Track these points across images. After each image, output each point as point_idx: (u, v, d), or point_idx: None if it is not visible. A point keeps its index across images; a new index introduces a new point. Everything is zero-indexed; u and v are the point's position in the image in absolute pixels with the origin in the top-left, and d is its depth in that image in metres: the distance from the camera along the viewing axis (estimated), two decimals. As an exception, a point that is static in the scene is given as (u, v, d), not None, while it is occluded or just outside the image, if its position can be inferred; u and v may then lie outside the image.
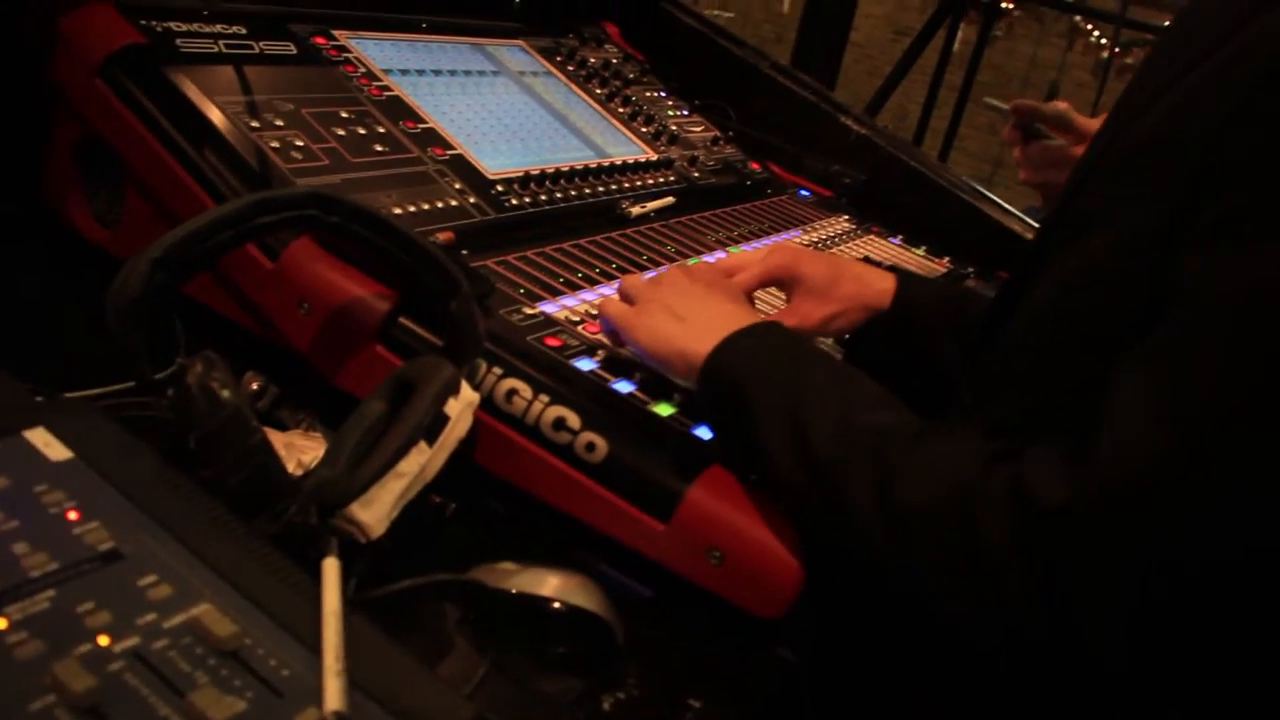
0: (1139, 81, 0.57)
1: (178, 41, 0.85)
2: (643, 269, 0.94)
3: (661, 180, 1.16)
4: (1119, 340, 0.48)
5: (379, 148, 0.89)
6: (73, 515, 0.40)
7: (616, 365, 0.73)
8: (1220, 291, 0.44)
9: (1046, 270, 0.56)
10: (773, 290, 0.88)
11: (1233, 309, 0.44)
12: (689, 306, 0.67)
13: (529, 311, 0.77)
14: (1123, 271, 0.50)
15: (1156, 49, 0.59)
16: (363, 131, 0.90)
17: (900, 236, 1.28)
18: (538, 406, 0.66)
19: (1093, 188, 0.55)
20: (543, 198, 0.98)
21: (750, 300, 0.75)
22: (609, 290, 0.87)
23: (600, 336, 0.75)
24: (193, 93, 0.81)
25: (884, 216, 1.30)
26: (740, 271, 0.78)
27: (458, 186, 0.91)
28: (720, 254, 1.04)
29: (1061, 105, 1.12)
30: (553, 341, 0.73)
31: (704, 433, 0.68)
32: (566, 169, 1.03)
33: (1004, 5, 4.89)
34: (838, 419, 0.53)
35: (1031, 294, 0.58)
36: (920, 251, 1.24)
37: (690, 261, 0.98)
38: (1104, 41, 5.62)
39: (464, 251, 0.83)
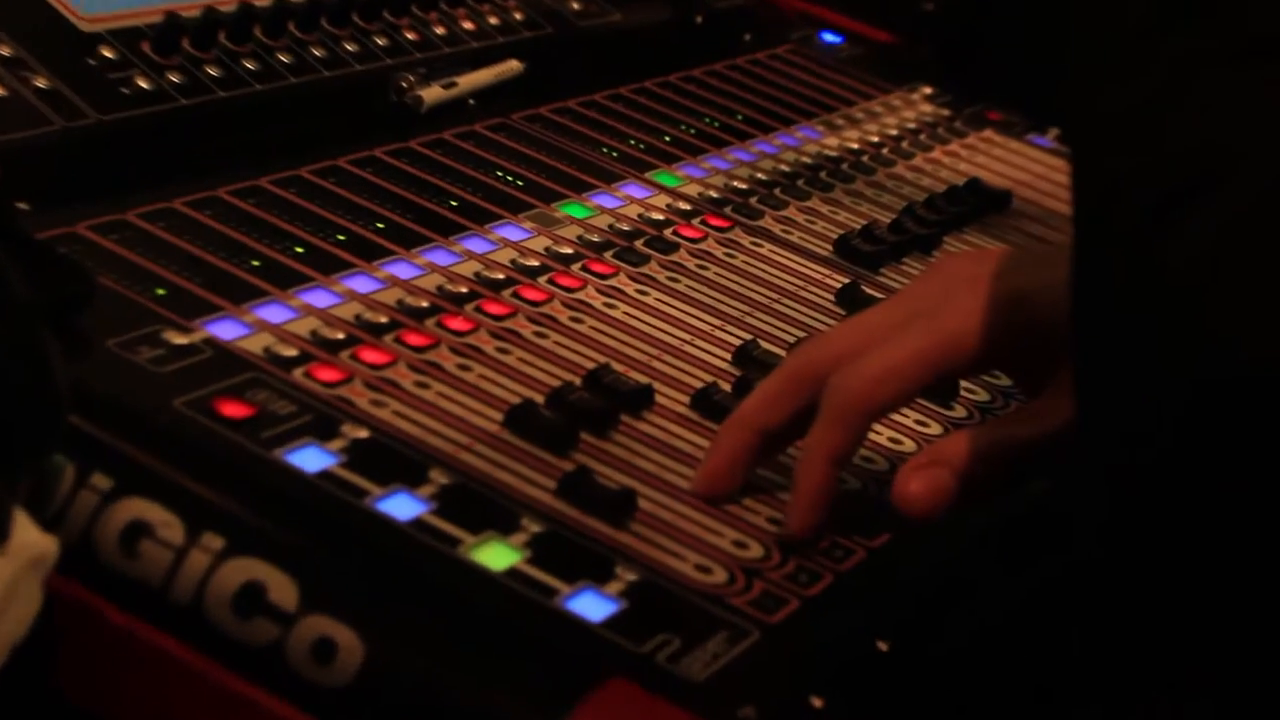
0: None
1: None
2: (448, 231, 0.97)
3: (495, 23, 1.19)
4: None
5: None
6: None
7: (383, 458, 0.76)
8: None
9: None
10: None
11: None
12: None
13: (178, 340, 0.80)
14: None
15: None
16: None
17: (1052, 133, 1.34)
18: (200, 561, 0.68)
19: None
20: (212, 74, 1.02)
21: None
22: (371, 285, 0.90)
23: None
24: None
25: (1009, 88, 1.37)
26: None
27: (8, 53, 0.94)
28: (639, 189, 1.10)
29: None
30: (235, 408, 0.76)
31: (591, 606, 0.70)
32: (265, 6, 1.06)
33: None
34: None
35: None
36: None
37: (585, 215, 1.05)
38: None
39: (23, 205, 0.85)
